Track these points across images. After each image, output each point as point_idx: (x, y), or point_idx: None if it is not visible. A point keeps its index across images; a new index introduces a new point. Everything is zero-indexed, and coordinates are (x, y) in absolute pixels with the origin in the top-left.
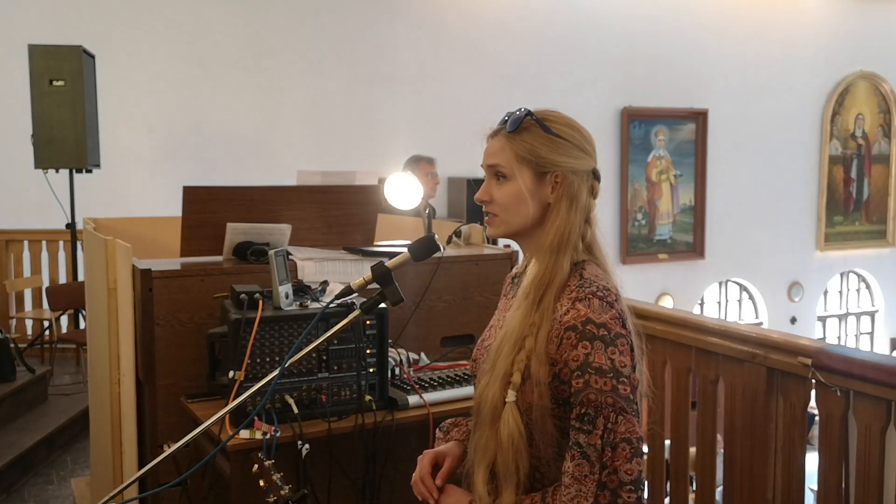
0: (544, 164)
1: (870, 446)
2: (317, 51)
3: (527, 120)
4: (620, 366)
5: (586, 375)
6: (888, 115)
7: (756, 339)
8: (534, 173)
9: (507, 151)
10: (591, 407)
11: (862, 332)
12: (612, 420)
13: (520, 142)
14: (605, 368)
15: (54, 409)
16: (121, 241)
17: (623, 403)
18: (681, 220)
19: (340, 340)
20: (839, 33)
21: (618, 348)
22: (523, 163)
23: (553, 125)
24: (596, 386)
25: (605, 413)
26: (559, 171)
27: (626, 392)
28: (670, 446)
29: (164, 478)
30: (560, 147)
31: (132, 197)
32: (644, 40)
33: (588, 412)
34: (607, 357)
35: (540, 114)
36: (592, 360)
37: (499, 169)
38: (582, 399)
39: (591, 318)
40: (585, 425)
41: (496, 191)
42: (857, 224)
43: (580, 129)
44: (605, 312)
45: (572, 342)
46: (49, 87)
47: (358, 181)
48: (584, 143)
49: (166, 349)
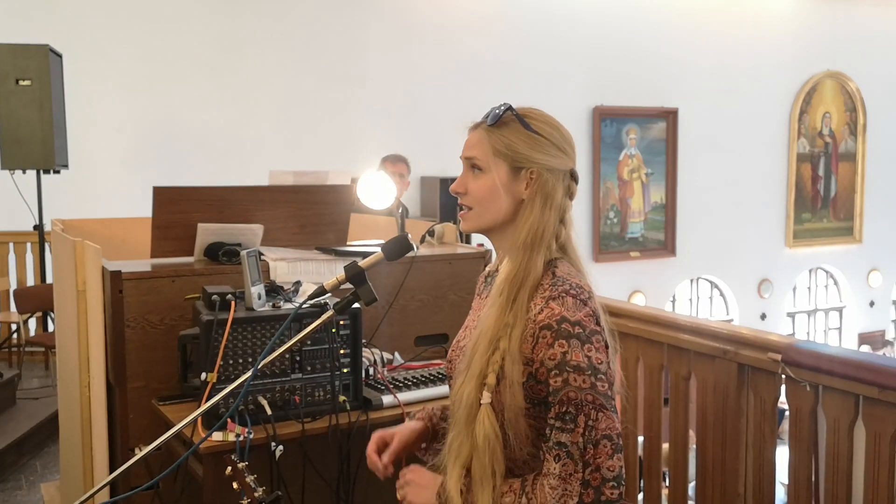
0: (520, 159)
1: (839, 440)
2: (289, 49)
3: (507, 115)
4: (597, 363)
5: (564, 374)
6: (854, 114)
7: (727, 335)
8: (509, 168)
9: (484, 144)
10: (571, 405)
11: (830, 328)
12: (593, 417)
13: (498, 136)
14: (583, 366)
15: (23, 413)
16: (90, 243)
17: (602, 400)
18: (652, 219)
19: (314, 341)
20: (806, 33)
21: (593, 345)
22: (499, 156)
23: (533, 122)
24: (575, 384)
25: (585, 411)
26: (535, 168)
27: (604, 388)
28: (643, 442)
29: (136, 481)
30: (538, 144)
31: (101, 198)
32: (615, 39)
33: (569, 410)
34: (584, 354)
35: (521, 110)
36: (570, 358)
37: (475, 161)
38: (561, 398)
39: (566, 316)
40: (567, 424)
41: (471, 183)
42: (825, 221)
43: (560, 129)
44: (579, 310)
45: (548, 341)
46: (15, 86)
47: (330, 181)
48: (563, 142)
49: (137, 351)
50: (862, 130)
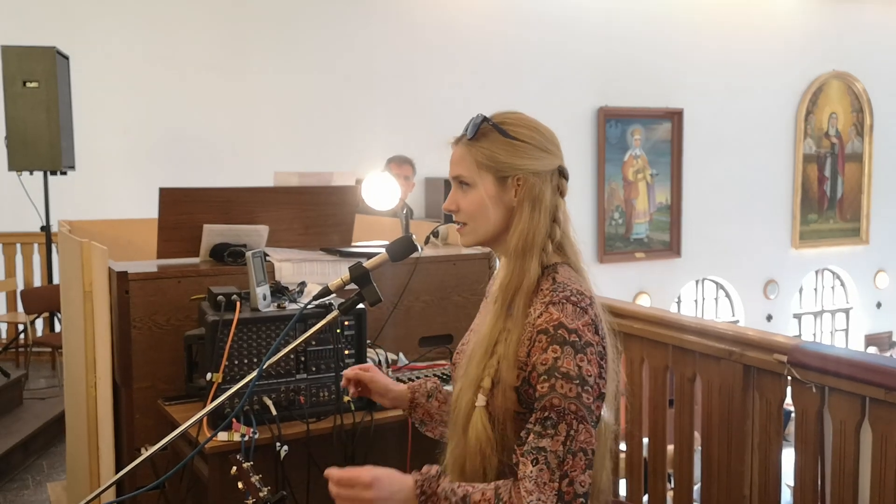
0: (504, 168)
1: (845, 442)
2: (294, 52)
3: (484, 126)
4: (587, 374)
5: (552, 380)
6: (861, 114)
7: (732, 336)
8: (495, 179)
9: (467, 159)
10: (553, 412)
11: (837, 329)
12: (574, 428)
13: (479, 148)
14: (573, 374)
15: (30, 413)
16: (96, 244)
17: (585, 412)
18: (657, 219)
19: (318, 341)
20: (812, 33)
21: (587, 356)
22: (484, 169)
23: (510, 128)
24: (561, 391)
25: (567, 419)
26: (520, 175)
27: (588, 401)
28: (648, 444)
29: (142, 481)
30: (518, 150)
31: (108, 199)
32: (620, 40)
33: (550, 416)
34: (576, 364)
35: (498, 118)
36: (560, 364)
37: (462, 178)
38: (545, 403)
39: (564, 322)
40: (547, 430)
41: (461, 199)
42: (832, 222)
43: (539, 129)
44: (579, 318)
45: (542, 345)
46: (23, 88)
47: (335, 182)
48: (545, 142)
49: (143, 352)
50: (869, 131)
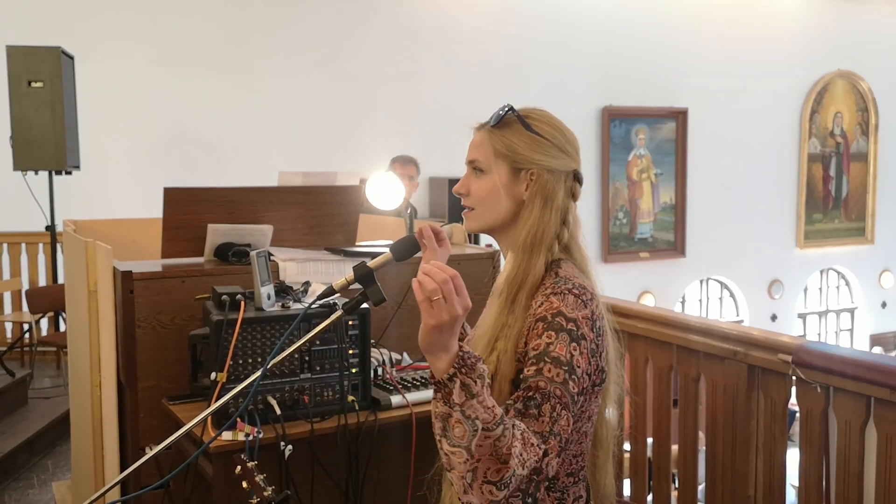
0: (520, 160)
1: (850, 442)
2: (298, 52)
3: (508, 116)
4: (577, 364)
5: (541, 364)
6: (866, 114)
7: (737, 336)
8: (510, 169)
9: (486, 145)
10: (538, 392)
11: (842, 329)
12: (557, 412)
13: (499, 137)
14: (563, 360)
15: (35, 412)
16: (101, 243)
17: (568, 399)
18: (662, 219)
19: (323, 341)
20: (817, 32)
21: (580, 347)
22: (500, 157)
23: (534, 123)
24: (548, 374)
25: (551, 402)
26: (534, 169)
27: (574, 389)
28: (652, 444)
29: (146, 480)
30: (538, 145)
31: (112, 199)
32: (624, 40)
33: (534, 397)
34: (568, 351)
35: (524, 111)
36: (553, 349)
37: (477, 164)
38: (531, 384)
39: (563, 311)
40: (530, 409)
41: (473, 184)
42: (837, 222)
43: (562, 130)
44: (579, 310)
45: (538, 331)
46: (28, 88)
47: (339, 182)
48: (566, 143)
49: (147, 351)
50: (874, 130)
